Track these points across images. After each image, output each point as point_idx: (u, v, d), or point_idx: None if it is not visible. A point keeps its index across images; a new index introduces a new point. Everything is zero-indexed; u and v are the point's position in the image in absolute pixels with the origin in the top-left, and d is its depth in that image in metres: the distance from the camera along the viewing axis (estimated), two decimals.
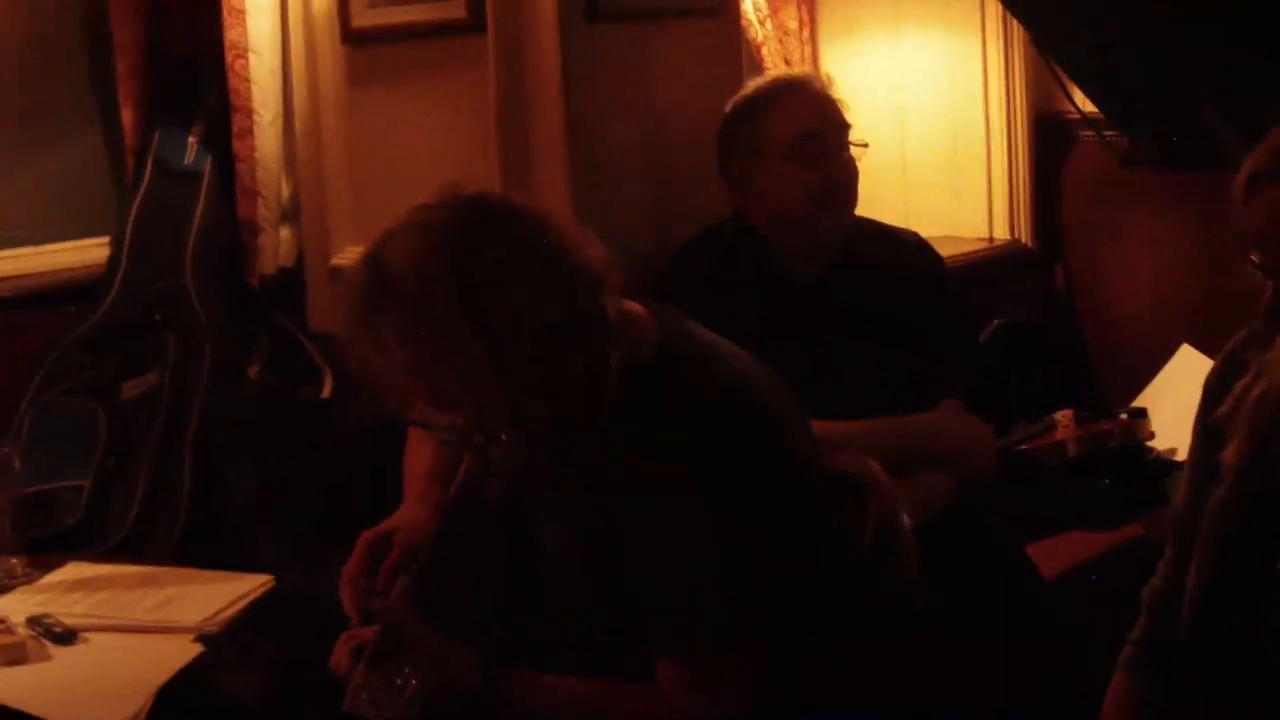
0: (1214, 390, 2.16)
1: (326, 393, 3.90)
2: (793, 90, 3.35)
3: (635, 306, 2.35)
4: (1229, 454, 2.05)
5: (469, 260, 2.17)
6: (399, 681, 2.15)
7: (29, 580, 3.21)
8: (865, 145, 3.38)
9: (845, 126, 3.34)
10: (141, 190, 4.09)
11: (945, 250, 3.80)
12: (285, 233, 4.12)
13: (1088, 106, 4.41)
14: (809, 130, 3.29)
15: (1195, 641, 2.07)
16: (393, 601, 2.31)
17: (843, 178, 3.32)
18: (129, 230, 4.06)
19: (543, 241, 2.22)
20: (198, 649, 2.92)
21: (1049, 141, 4.84)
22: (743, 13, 4.30)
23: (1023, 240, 4.84)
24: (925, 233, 3.69)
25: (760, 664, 2.27)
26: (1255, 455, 2.02)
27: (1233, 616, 2.01)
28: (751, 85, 3.45)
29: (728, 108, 3.40)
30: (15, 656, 2.82)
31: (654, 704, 2.25)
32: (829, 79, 3.39)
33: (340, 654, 2.26)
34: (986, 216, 4.84)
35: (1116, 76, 4.04)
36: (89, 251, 4.15)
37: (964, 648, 3.17)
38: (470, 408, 2.23)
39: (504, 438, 2.26)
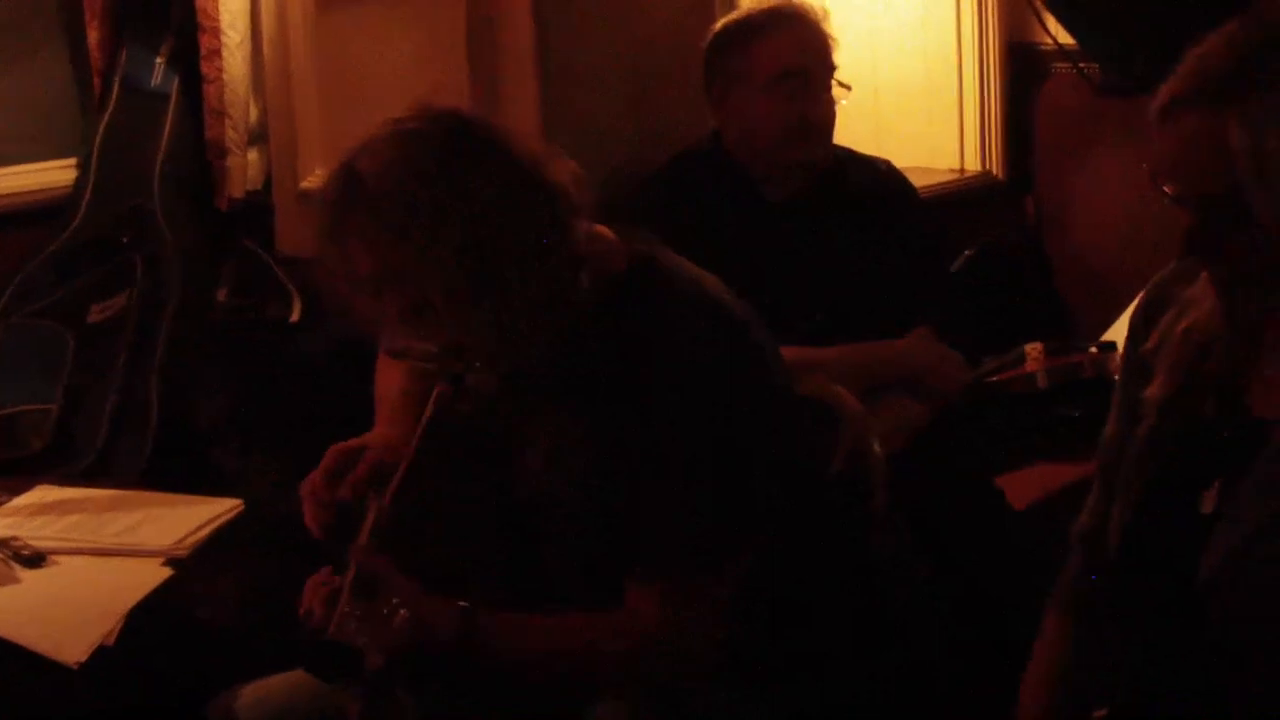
0: (1139, 324, 2.14)
1: (295, 316, 3.88)
2: (785, 23, 3.32)
3: (603, 229, 2.35)
4: (1153, 390, 2.04)
5: (442, 170, 2.17)
6: (386, 611, 2.14)
7: None
8: (848, 88, 3.36)
9: (830, 68, 3.32)
10: (108, 111, 4.06)
11: (916, 180, 3.79)
12: (253, 155, 4.10)
13: (1062, 37, 4.40)
14: (792, 68, 3.27)
15: (1121, 578, 2.07)
16: (364, 536, 2.29)
17: (817, 119, 3.31)
18: (95, 151, 4.04)
19: (513, 156, 2.22)
20: (167, 572, 2.92)
21: (1021, 72, 4.83)
22: None
23: (994, 171, 4.83)
24: (896, 163, 3.68)
25: (730, 586, 2.27)
26: (1179, 391, 2.02)
27: (1157, 553, 2.01)
28: (744, 11, 3.44)
29: (718, 25, 3.38)
30: None
31: (628, 628, 2.25)
32: (824, 12, 3.37)
33: (312, 599, 2.25)
34: (958, 147, 4.83)
35: (1091, 5, 4.02)
36: (55, 173, 4.12)
37: (930, 577, 3.20)
38: (439, 326, 2.22)
39: (476, 362, 2.26)
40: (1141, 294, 2.17)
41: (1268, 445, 1.91)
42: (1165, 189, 1.90)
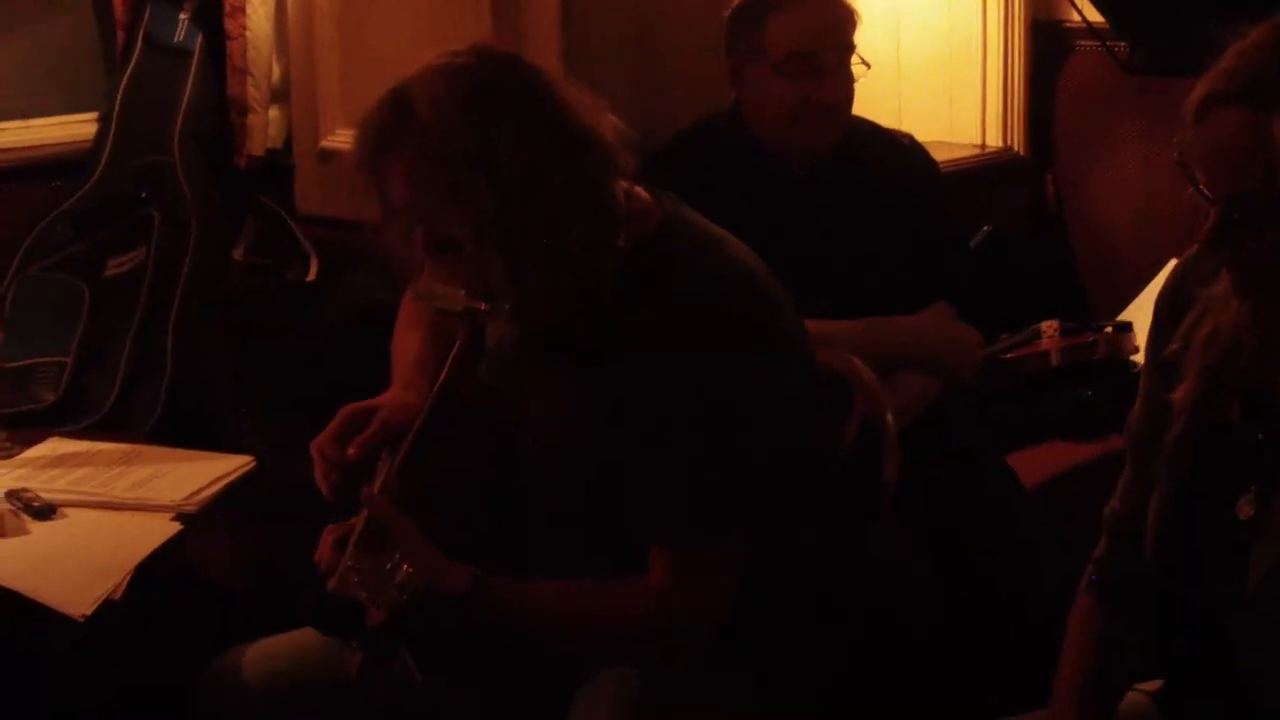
0: (1164, 321, 2.12)
1: (312, 276, 3.88)
2: (800, 0, 3.30)
3: (639, 190, 2.34)
4: (1181, 394, 2.03)
5: (491, 106, 2.17)
6: (389, 566, 2.14)
7: (8, 455, 3.21)
8: (868, 65, 3.34)
9: (848, 47, 3.29)
10: (131, 66, 4.05)
11: (938, 155, 3.79)
12: (274, 113, 4.08)
13: (1090, 14, 4.38)
14: (806, 49, 3.24)
15: (1156, 572, 2.06)
16: (378, 491, 2.28)
17: (831, 100, 3.27)
18: (117, 106, 4.03)
19: (564, 105, 2.22)
20: (176, 527, 2.92)
21: (1045, 49, 4.81)
22: None
23: (1015, 148, 4.82)
24: (918, 137, 3.67)
25: (742, 553, 2.27)
26: (1207, 394, 2.00)
27: (1195, 558, 2.00)
28: None
29: (735, 1, 3.35)
30: None
31: (634, 595, 2.25)
32: None
33: (325, 546, 2.25)
34: (980, 123, 4.81)
35: None
36: (76, 127, 4.11)
37: (940, 553, 3.20)
38: (464, 265, 2.22)
39: (504, 304, 2.24)
40: (1163, 286, 2.15)
41: None
42: (1199, 184, 1.88)
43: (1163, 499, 2.05)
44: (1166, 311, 2.11)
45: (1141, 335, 3.91)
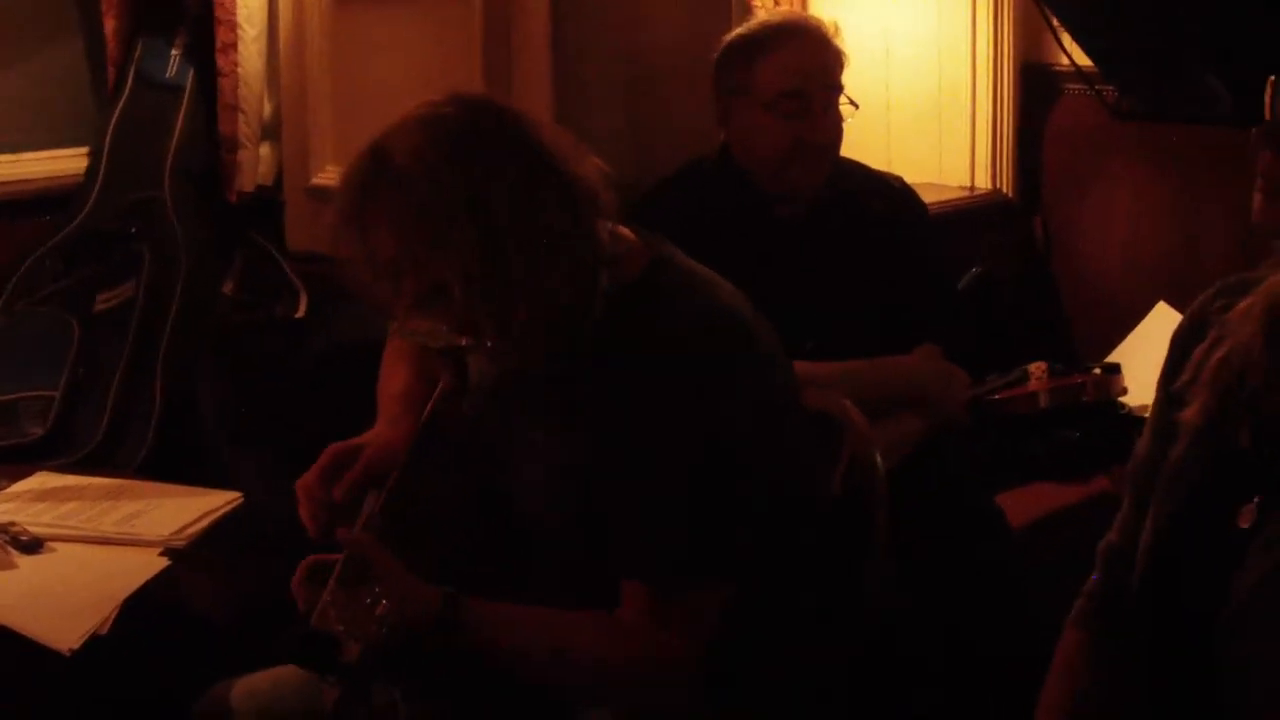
0: (1176, 360, 2.13)
1: (301, 312, 3.88)
2: (790, 39, 3.29)
3: (625, 230, 2.35)
4: (1189, 414, 2.03)
5: (473, 153, 2.17)
6: (369, 601, 2.14)
7: None
8: (856, 106, 3.35)
9: (836, 88, 3.30)
10: (122, 101, 4.06)
11: (927, 198, 3.80)
12: (265, 150, 4.09)
13: (1079, 58, 4.40)
14: (794, 89, 3.25)
15: (1145, 599, 2.06)
16: (359, 529, 2.29)
17: (820, 140, 3.28)
18: (108, 141, 4.03)
19: (543, 148, 2.22)
20: (164, 563, 2.92)
21: (1034, 92, 4.84)
22: None
23: (1004, 190, 4.84)
24: (907, 179, 3.68)
25: (723, 599, 2.27)
26: (1216, 416, 2.01)
27: (1188, 571, 2.00)
28: (755, 23, 3.42)
29: (726, 39, 3.36)
30: None
31: (611, 632, 2.25)
32: (834, 28, 3.34)
33: (299, 578, 2.25)
34: (969, 165, 4.84)
35: (1112, 28, 4.03)
36: (67, 161, 4.11)
37: (928, 593, 3.20)
38: (453, 312, 2.22)
39: (489, 344, 2.25)
40: (1180, 323, 2.16)
41: None
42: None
43: (1157, 515, 2.05)
44: (1178, 351, 2.12)
45: (1130, 377, 3.94)
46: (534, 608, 2.28)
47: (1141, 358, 4.03)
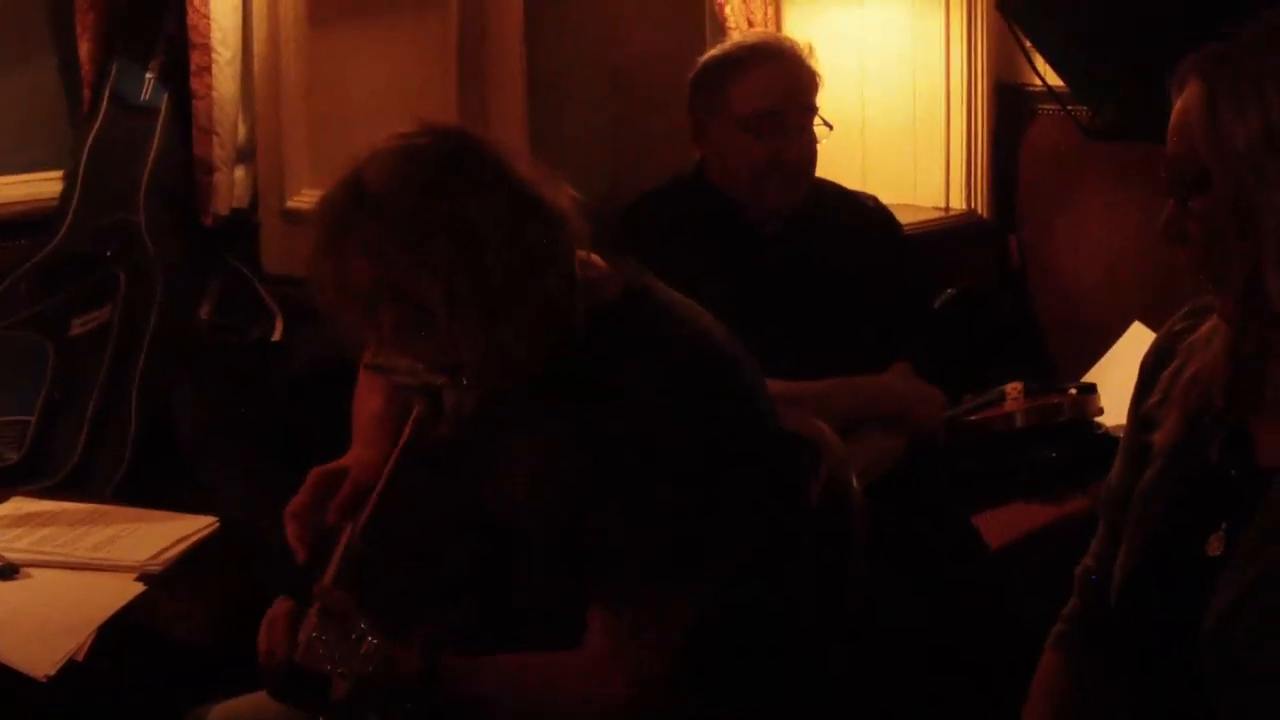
0: (1146, 381, 2.14)
1: (277, 335, 3.88)
2: (764, 60, 3.32)
3: (596, 258, 2.35)
4: (1160, 436, 2.05)
5: (447, 184, 2.18)
6: (354, 637, 2.13)
7: None
8: (830, 127, 3.37)
9: (809, 109, 3.33)
10: (96, 124, 4.05)
11: (902, 218, 3.81)
12: (240, 173, 4.08)
13: (1051, 78, 4.41)
14: (769, 109, 3.28)
15: (1123, 623, 2.07)
16: (337, 557, 2.28)
17: (794, 160, 3.31)
18: (83, 164, 4.02)
19: (516, 176, 2.23)
20: (140, 588, 2.91)
21: (1008, 112, 4.85)
22: None
23: (979, 211, 4.85)
24: (882, 199, 3.69)
25: (685, 623, 2.27)
26: (1187, 438, 2.03)
27: (1161, 596, 2.01)
28: (731, 44, 3.45)
29: (702, 59, 3.38)
30: None
31: (582, 667, 2.25)
32: (809, 49, 3.36)
33: (265, 638, 2.24)
34: (943, 185, 4.84)
35: (1084, 49, 4.04)
36: (41, 184, 4.10)
37: (904, 613, 3.20)
38: (431, 341, 2.22)
39: (463, 379, 2.25)
40: (1150, 347, 2.17)
41: (1271, 492, 1.92)
42: None
43: (1131, 540, 2.06)
44: (1149, 372, 2.13)
45: (1106, 397, 3.94)
46: (511, 656, 2.28)
47: (1117, 377, 4.03)
